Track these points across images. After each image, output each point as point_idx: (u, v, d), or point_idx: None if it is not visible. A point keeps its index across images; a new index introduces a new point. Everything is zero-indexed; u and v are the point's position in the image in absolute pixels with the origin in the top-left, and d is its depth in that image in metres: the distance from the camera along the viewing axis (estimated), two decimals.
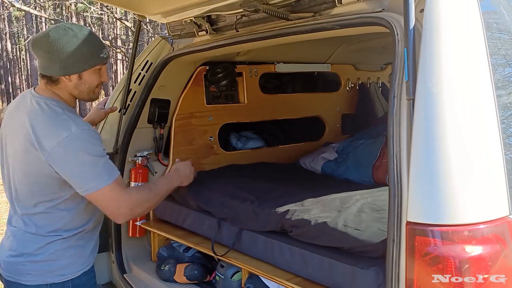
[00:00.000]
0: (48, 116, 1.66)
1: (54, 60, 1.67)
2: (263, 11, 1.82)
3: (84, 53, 1.70)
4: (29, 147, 1.64)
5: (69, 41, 1.67)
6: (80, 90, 1.75)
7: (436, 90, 1.24)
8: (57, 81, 1.72)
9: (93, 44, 1.74)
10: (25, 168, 1.69)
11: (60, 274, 1.76)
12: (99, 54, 1.75)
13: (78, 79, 1.72)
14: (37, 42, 1.70)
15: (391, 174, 1.31)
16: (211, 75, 2.84)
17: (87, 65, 1.72)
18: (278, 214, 1.96)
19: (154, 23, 12.82)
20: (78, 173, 1.62)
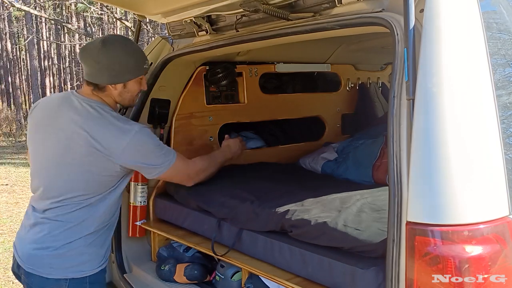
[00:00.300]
0: (109, 121, 1.84)
1: (104, 70, 1.84)
2: (263, 11, 1.82)
3: (130, 65, 1.88)
4: (91, 150, 1.79)
5: (118, 53, 1.85)
6: (123, 97, 1.94)
7: (436, 90, 1.24)
8: (104, 89, 1.89)
9: (139, 56, 1.94)
10: (82, 166, 1.81)
11: (80, 270, 1.85)
12: (143, 65, 1.95)
13: (123, 87, 1.91)
14: (88, 52, 1.86)
15: (391, 174, 1.31)
16: (211, 75, 2.84)
17: (132, 75, 1.91)
18: (278, 214, 1.96)
19: (154, 23, 12.82)
20: (151, 161, 1.89)
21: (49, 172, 1.88)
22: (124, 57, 1.86)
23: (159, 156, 1.91)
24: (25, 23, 20.18)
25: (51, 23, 25.75)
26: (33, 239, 1.85)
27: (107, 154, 1.80)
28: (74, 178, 1.83)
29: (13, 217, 5.97)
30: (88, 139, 1.80)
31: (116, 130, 1.82)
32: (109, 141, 1.80)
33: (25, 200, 6.84)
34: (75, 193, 1.83)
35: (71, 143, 1.82)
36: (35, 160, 1.94)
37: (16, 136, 16.29)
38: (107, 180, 1.88)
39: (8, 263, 4.33)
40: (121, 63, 1.85)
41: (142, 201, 2.57)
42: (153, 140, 1.91)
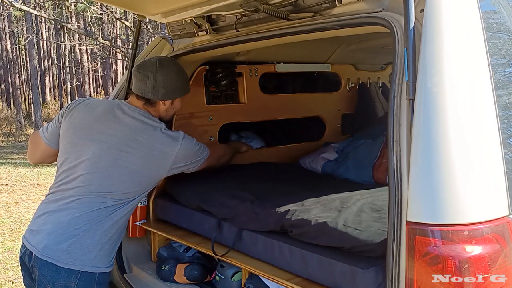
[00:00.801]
0: (161, 130, 2.03)
1: (159, 88, 2.04)
2: (263, 11, 1.82)
3: (180, 84, 2.13)
4: (147, 155, 1.97)
5: (172, 74, 2.08)
6: (168, 113, 2.17)
7: (436, 90, 1.24)
8: (155, 104, 2.09)
9: (186, 78, 2.21)
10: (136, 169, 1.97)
11: (92, 264, 1.89)
12: (187, 86, 2.22)
13: (171, 104, 2.14)
14: (146, 69, 2.05)
15: (391, 174, 1.31)
16: (211, 75, 2.84)
17: (180, 94, 2.15)
18: (278, 214, 1.96)
19: (154, 23, 12.82)
20: (196, 158, 2.14)
21: (92, 170, 1.94)
22: (177, 77, 2.10)
23: (200, 152, 2.16)
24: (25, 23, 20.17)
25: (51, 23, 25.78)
26: (56, 227, 1.88)
27: (161, 158, 2.00)
28: (121, 178, 1.95)
29: (13, 217, 5.97)
30: (146, 145, 1.97)
31: (169, 138, 2.02)
32: (164, 147, 2.00)
33: (25, 200, 6.84)
34: (114, 192, 1.94)
35: (125, 148, 1.96)
36: (72, 158, 1.98)
37: (16, 136, 16.30)
38: (148, 184, 2.06)
39: (8, 263, 4.33)
40: (174, 82, 2.09)
41: (142, 201, 2.58)
42: (195, 141, 2.15)
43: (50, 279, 1.84)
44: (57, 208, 1.92)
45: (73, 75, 28.84)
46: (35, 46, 22.75)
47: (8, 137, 16.25)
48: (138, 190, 2.02)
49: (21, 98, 25.61)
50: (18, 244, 2.44)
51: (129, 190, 1.99)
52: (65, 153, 2.01)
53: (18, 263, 2.03)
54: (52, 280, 1.84)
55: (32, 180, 8.41)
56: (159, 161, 2.01)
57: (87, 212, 1.89)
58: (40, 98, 18.88)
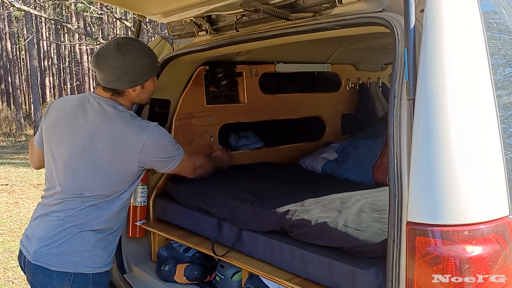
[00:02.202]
0: (128, 119, 1.89)
1: (123, 76, 1.87)
2: (263, 11, 1.82)
3: (147, 66, 1.93)
4: (113, 149, 1.85)
5: (134, 57, 1.88)
6: (141, 98, 2.00)
7: (436, 90, 1.24)
8: (123, 93, 1.93)
9: (152, 56, 2.00)
10: (103, 165, 1.86)
11: (85, 265, 1.86)
12: (156, 63, 2.02)
13: (141, 89, 1.95)
14: (103, 58, 1.87)
15: (392, 174, 1.31)
16: (211, 75, 2.84)
17: (149, 76, 1.96)
18: (278, 214, 1.96)
19: (154, 23, 12.82)
20: (167, 154, 1.96)
21: (66, 171, 1.90)
22: (141, 60, 1.90)
23: (173, 150, 1.99)
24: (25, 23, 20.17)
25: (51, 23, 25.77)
26: (44, 231, 1.87)
27: (127, 149, 1.85)
28: (93, 177, 1.87)
29: (13, 217, 5.97)
30: (110, 138, 1.85)
31: (136, 127, 1.87)
32: (130, 138, 1.85)
33: (25, 200, 6.84)
34: (90, 192, 1.87)
35: (91, 143, 1.86)
36: (51, 160, 1.97)
37: (16, 136, 16.30)
38: (122, 180, 1.92)
39: (8, 263, 4.33)
40: (138, 66, 1.89)
41: (142, 201, 2.58)
42: (168, 135, 2.01)
43: (43, 283, 1.83)
44: (46, 212, 1.91)
45: (73, 75, 28.82)
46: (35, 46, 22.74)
47: (8, 137, 16.25)
48: (115, 187, 1.91)
49: (21, 98, 25.62)
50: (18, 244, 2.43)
51: (104, 189, 1.89)
52: (46, 155, 1.99)
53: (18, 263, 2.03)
54: (45, 284, 1.83)
55: (32, 180, 8.41)
56: (125, 152, 1.86)
57: (71, 214, 1.86)
58: (40, 98, 18.87)
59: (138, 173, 1.97)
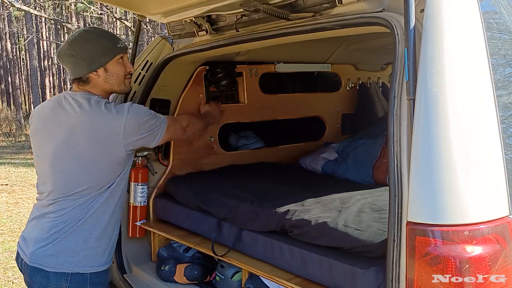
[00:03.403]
0: (102, 107, 1.85)
1: (79, 61, 1.86)
2: (263, 11, 1.82)
3: (103, 47, 1.88)
4: (94, 139, 1.82)
5: (87, 40, 1.87)
6: (110, 82, 1.93)
7: (436, 90, 1.24)
8: (88, 80, 1.90)
9: (109, 37, 1.94)
10: (88, 157, 1.84)
11: (81, 265, 1.85)
12: (116, 44, 1.93)
13: (105, 72, 1.91)
14: (61, 52, 1.91)
15: (392, 174, 1.31)
16: (211, 75, 2.84)
17: (108, 57, 1.90)
18: (278, 214, 1.96)
19: (154, 23, 12.82)
20: (151, 126, 1.92)
21: (53, 171, 1.89)
22: (94, 41, 1.87)
23: (155, 121, 1.95)
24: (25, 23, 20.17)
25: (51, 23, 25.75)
26: (39, 233, 1.87)
27: (110, 137, 1.83)
28: (79, 171, 1.85)
29: (13, 217, 5.97)
30: (90, 129, 1.82)
31: (112, 112, 1.84)
32: (109, 124, 1.83)
33: (25, 200, 6.83)
34: (79, 187, 1.85)
35: (72, 138, 1.84)
36: (39, 162, 1.98)
37: (16, 136, 16.29)
38: (110, 170, 1.90)
39: (8, 263, 4.33)
40: (92, 48, 1.86)
41: (142, 201, 2.57)
42: (145, 109, 1.98)
43: (41, 284, 1.83)
44: (40, 213, 1.91)
45: None
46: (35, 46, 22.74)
47: (8, 137, 16.24)
48: (103, 178, 1.89)
49: (21, 98, 25.61)
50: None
51: (93, 181, 1.87)
52: (35, 159, 2.00)
53: None
54: (43, 286, 1.82)
55: (32, 180, 8.40)
56: (109, 141, 1.84)
57: (63, 214, 1.85)
58: (40, 98, 18.86)
59: (127, 158, 1.93)
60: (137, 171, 2.55)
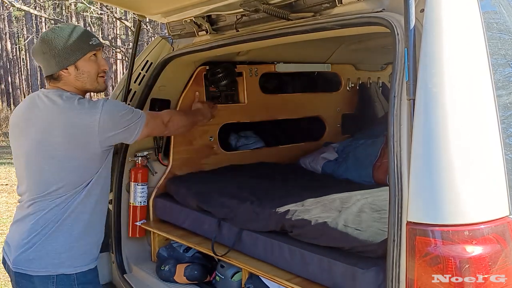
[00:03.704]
0: (75, 103, 1.80)
1: (50, 58, 1.83)
2: (263, 11, 1.82)
3: (74, 43, 1.83)
4: (69, 136, 1.77)
5: (58, 37, 1.82)
6: (82, 80, 1.87)
7: (436, 90, 1.24)
8: (59, 77, 1.86)
9: (81, 34, 1.87)
10: (63, 155, 1.79)
11: (67, 266, 1.82)
12: (88, 41, 1.87)
13: (76, 70, 1.85)
14: (34, 49, 1.89)
15: (392, 174, 1.31)
16: (211, 75, 2.84)
17: (79, 54, 1.84)
18: (278, 214, 1.96)
19: (154, 23, 12.81)
20: (127, 122, 1.86)
21: (28, 171, 1.86)
22: (64, 38, 1.83)
23: (132, 116, 1.89)
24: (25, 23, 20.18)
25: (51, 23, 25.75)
26: (19, 238, 1.84)
27: (84, 132, 1.78)
28: (53, 169, 1.81)
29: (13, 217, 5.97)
30: (64, 126, 1.78)
31: (86, 108, 1.79)
32: (83, 120, 1.78)
33: None
34: (54, 186, 1.80)
35: (45, 136, 1.79)
36: (16, 166, 1.95)
37: None
38: (85, 166, 1.84)
39: None
40: (63, 45, 1.82)
41: (142, 201, 2.57)
42: (121, 104, 1.94)
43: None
44: (21, 216, 1.88)
45: None
46: None
47: (8, 137, 16.26)
48: (79, 177, 1.84)
49: (21, 98, 25.59)
50: None
51: (69, 179, 1.82)
52: (14, 160, 1.97)
53: None
54: None
55: None
56: (83, 137, 1.78)
57: (41, 215, 1.81)
58: None
59: (103, 155, 1.88)
60: (137, 171, 2.55)
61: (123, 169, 2.55)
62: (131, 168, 2.58)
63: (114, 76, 25.75)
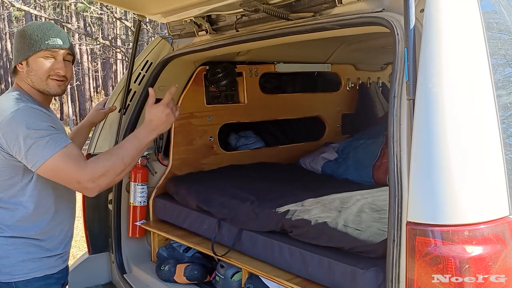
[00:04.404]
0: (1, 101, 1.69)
1: (14, 51, 1.79)
2: (263, 11, 1.82)
3: (30, 40, 1.72)
4: None
5: (22, 31, 1.76)
6: (31, 78, 1.74)
7: (436, 90, 1.24)
8: (15, 71, 1.80)
9: (43, 31, 1.73)
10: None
11: (4, 273, 1.67)
12: (46, 40, 1.73)
13: (27, 66, 1.75)
14: None
15: (391, 174, 1.31)
16: (211, 75, 2.84)
17: (31, 51, 1.73)
18: (278, 214, 1.96)
19: (154, 23, 12.82)
20: (24, 146, 1.56)
21: None
22: (26, 34, 1.74)
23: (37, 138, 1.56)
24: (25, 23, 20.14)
25: None
26: None
27: None
28: None
29: None
30: None
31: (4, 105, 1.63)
32: None
33: None
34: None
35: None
36: None
37: None
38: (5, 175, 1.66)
39: None
40: (22, 39, 1.74)
41: (142, 201, 2.57)
42: (35, 118, 1.60)
43: None
44: None
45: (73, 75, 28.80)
46: None
47: None
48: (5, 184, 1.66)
49: None
50: None
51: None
52: None
53: None
54: None
55: None
56: None
57: None
58: None
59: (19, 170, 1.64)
60: (137, 171, 2.55)
61: None
62: (131, 168, 2.57)
63: (114, 76, 25.76)
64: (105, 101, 2.49)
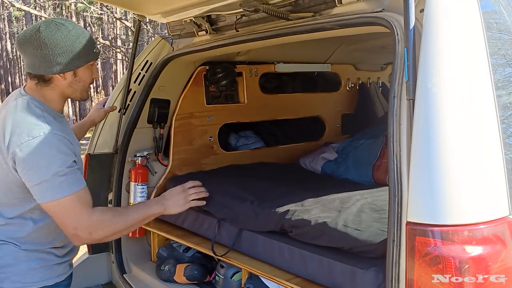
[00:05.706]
0: (21, 114, 1.56)
1: (48, 58, 1.57)
2: (263, 11, 1.82)
3: (79, 49, 1.60)
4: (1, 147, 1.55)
5: (63, 37, 1.57)
6: (74, 88, 1.67)
7: (436, 90, 1.24)
8: (50, 80, 1.62)
9: (87, 39, 1.65)
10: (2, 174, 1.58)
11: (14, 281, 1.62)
12: (93, 49, 1.68)
13: (73, 76, 1.64)
14: (27, 39, 1.57)
15: (391, 174, 1.31)
16: (211, 75, 2.84)
17: (82, 61, 1.63)
18: (278, 214, 1.96)
19: (154, 23, 12.82)
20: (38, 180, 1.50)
21: None
22: (70, 41, 1.58)
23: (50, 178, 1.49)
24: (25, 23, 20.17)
25: None
26: None
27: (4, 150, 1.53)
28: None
29: None
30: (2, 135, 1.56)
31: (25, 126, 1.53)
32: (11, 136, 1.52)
33: None
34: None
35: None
36: None
37: None
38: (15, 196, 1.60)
39: None
40: (68, 47, 1.58)
41: (142, 201, 2.57)
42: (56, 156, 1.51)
43: None
44: None
45: None
46: None
47: None
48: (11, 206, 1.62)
49: None
50: None
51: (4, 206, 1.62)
52: None
53: None
54: None
55: None
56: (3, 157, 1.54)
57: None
58: None
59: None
60: (137, 171, 2.56)
61: (122, 169, 2.55)
62: (131, 168, 2.58)
63: (114, 76, 25.75)
64: (105, 101, 2.50)
